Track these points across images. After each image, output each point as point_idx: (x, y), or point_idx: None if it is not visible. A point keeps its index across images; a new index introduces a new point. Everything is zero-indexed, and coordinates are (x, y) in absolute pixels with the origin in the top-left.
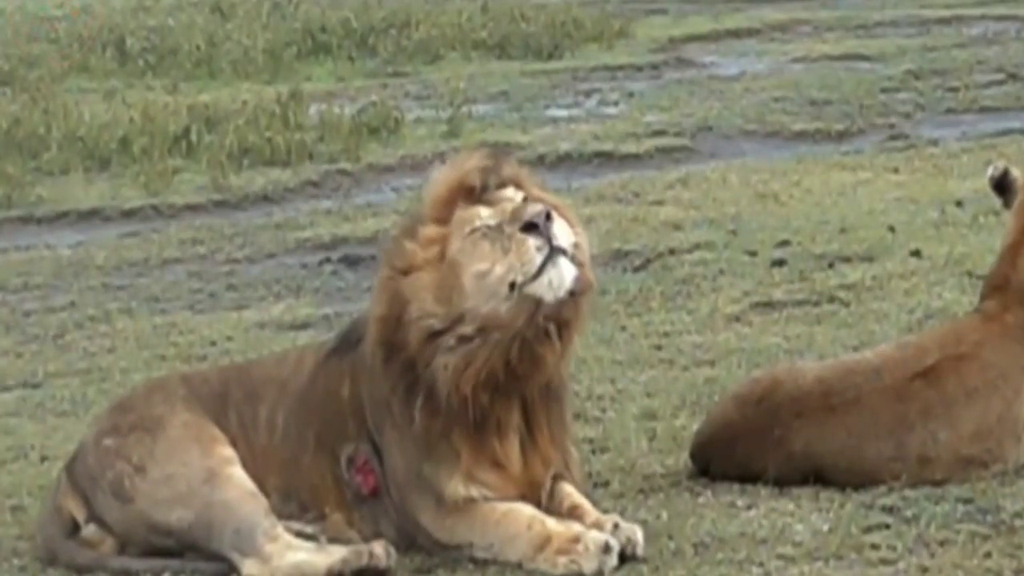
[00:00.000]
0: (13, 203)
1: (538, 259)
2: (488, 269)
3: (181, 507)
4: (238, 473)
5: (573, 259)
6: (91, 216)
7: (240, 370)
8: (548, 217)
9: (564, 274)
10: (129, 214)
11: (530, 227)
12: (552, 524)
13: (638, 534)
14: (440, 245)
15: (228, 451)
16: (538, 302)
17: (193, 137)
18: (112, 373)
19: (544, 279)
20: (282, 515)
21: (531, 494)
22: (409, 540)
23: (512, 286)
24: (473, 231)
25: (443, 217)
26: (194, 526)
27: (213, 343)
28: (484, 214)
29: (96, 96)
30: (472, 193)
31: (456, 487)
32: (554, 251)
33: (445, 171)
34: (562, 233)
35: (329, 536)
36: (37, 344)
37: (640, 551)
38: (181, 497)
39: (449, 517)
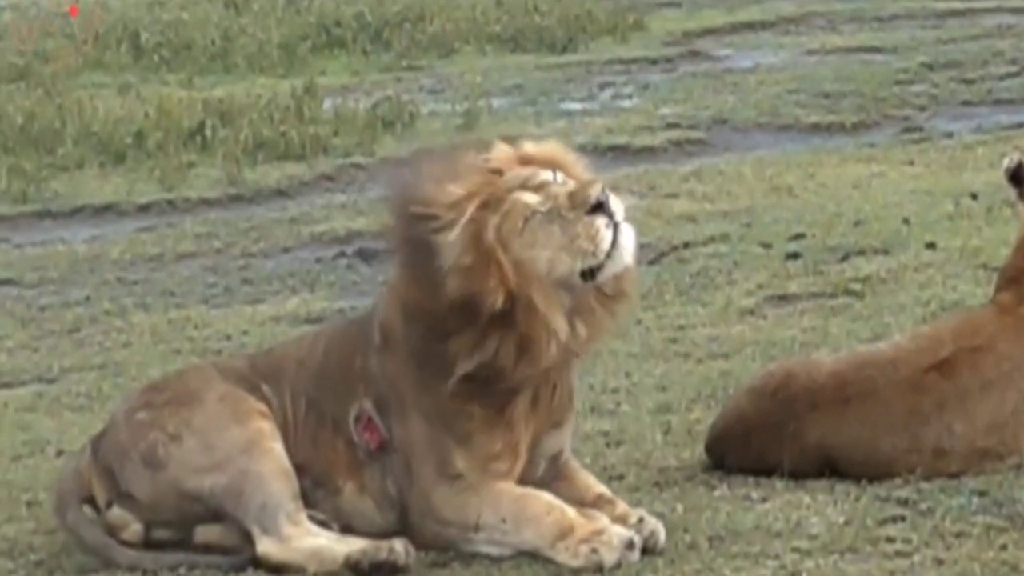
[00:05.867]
0: (28, 198)
1: (608, 236)
2: (554, 257)
3: (217, 472)
4: (278, 448)
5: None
6: (106, 211)
7: (264, 352)
8: (608, 198)
9: (630, 243)
10: (144, 209)
11: (597, 208)
12: (573, 514)
13: (661, 530)
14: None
15: (268, 425)
16: (610, 278)
17: (208, 131)
18: (127, 368)
19: (617, 257)
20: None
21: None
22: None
23: (585, 274)
24: (528, 219)
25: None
26: (226, 492)
27: (228, 337)
28: (533, 200)
29: (111, 91)
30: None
31: (473, 465)
32: (619, 225)
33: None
34: (618, 204)
35: (346, 509)
36: (52, 339)
37: (661, 546)
38: (218, 464)
39: (462, 494)
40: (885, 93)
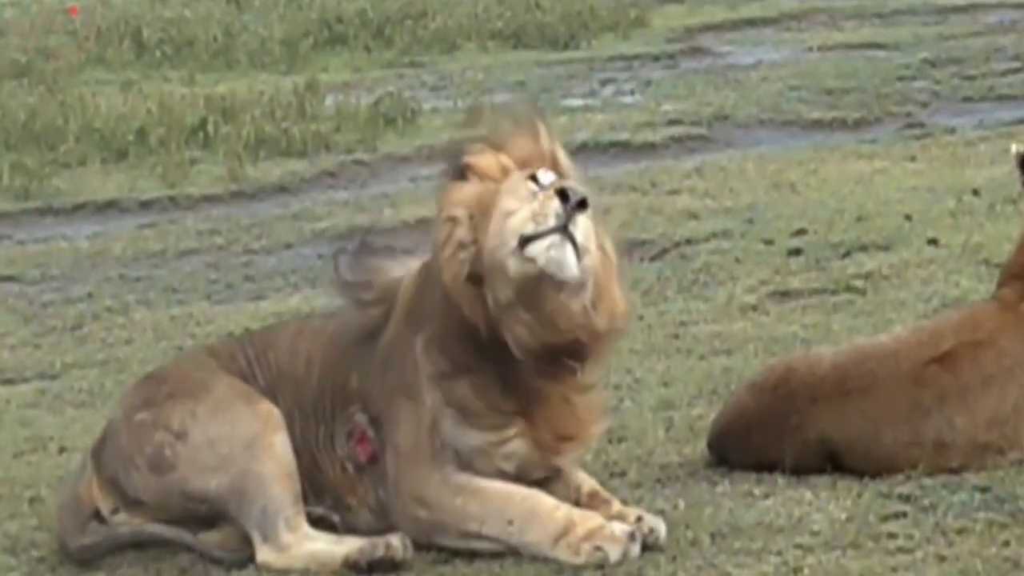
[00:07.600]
0: (31, 195)
1: (552, 220)
2: (513, 209)
3: (222, 472)
4: (280, 442)
5: (579, 256)
6: (108, 207)
7: (259, 349)
8: (582, 205)
9: (567, 256)
10: (146, 205)
11: (563, 195)
12: (576, 513)
13: (661, 526)
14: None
15: (275, 411)
16: (536, 266)
17: (210, 128)
18: (130, 364)
19: (546, 242)
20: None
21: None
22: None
23: (523, 240)
24: (524, 181)
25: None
26: (229, 493)
27: (231, 334)
28: (549, 172)
29: (113, 88)
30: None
31: (490, 460)
32: (566, 231)
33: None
34: (584, 228)
35: (353, 522)
36: (55, 335)
37: (661, 542)
38: (223, 462)
39: (459, 496)
40: (887, 89)
